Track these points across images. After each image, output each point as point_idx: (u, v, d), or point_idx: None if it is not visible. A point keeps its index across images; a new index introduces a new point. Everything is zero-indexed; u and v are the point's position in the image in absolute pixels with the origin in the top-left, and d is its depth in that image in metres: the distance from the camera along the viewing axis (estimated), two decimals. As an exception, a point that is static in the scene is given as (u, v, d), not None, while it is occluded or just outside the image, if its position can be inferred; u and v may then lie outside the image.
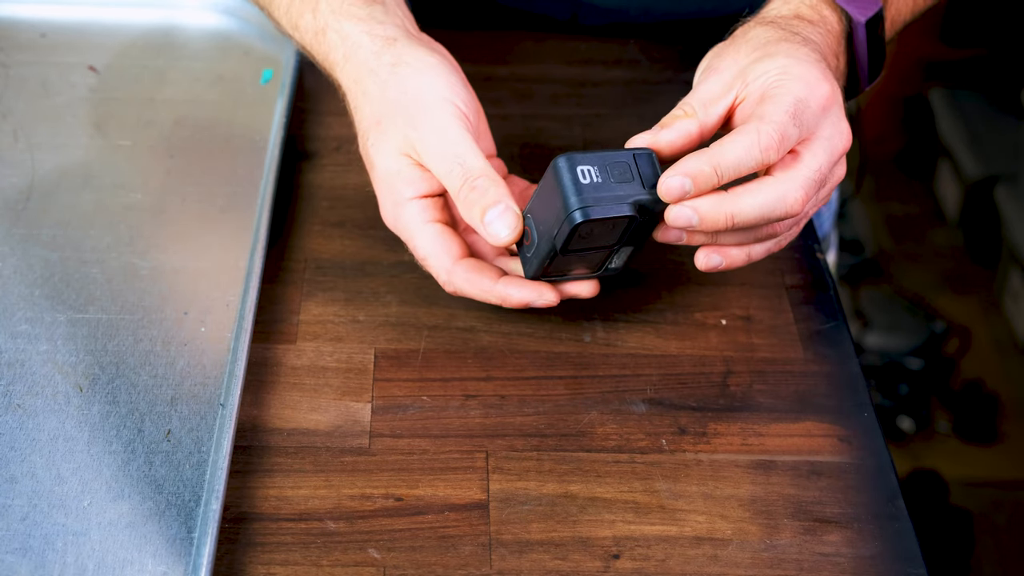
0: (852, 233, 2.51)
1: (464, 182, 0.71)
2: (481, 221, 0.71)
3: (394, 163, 0.74)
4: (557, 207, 0.68)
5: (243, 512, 0.69)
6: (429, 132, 0.73)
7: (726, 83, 0.72)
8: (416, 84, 0.74)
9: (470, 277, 0.74)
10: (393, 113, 0.74)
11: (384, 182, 0.75)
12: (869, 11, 0.78)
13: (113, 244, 0.83)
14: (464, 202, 0.71)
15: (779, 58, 0.71)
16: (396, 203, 0.75)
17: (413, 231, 0.75)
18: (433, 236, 0.74)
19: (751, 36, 0.75)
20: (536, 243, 0.71)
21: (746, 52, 0.73)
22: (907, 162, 2.74)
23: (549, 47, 1.04)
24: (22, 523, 0.67)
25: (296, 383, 0.76)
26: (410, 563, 0.67)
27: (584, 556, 0.68)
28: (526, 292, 0.74)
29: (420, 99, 0.73)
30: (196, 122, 0.94)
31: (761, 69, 0.71)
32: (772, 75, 0.71)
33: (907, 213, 2.64)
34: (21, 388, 0.74)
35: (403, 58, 0.75)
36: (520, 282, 0.74)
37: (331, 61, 0.78)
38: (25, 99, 0.95)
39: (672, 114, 0.72)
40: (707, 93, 0.72)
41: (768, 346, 0.80)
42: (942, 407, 2.23)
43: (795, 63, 0.71)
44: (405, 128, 0.73)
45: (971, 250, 2.52)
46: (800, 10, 0.78)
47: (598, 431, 0.75)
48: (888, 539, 0.70)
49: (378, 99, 0.75)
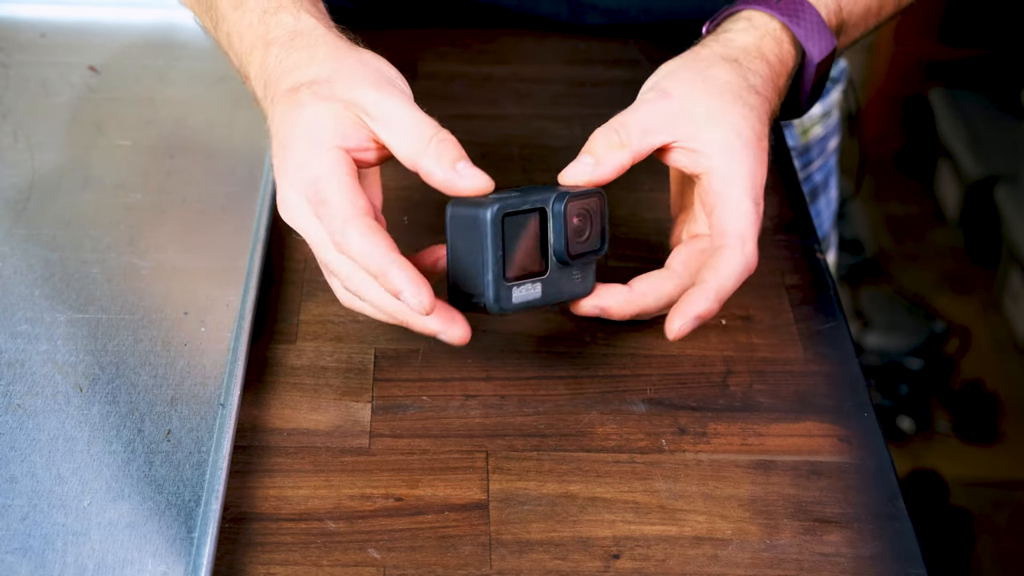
0: (852, 233, 2.51)
1: (435, 133, 0.68)
2: (453, 168, 0.68)
3: (332, 112, 0.69)
4: None
5: (243, 512, 0.69)
6: (393, 99, 0.70)
7: (671, 117, 0.73)
8: (378, 64, 0.72)
9: (369, 235, 0.66)
10: (350, 76, 0.70)
11: (307, 127, 0.69)
12: (825, 51, 0.79)
13: (113, 244, 0.83)
14: (437, 151, 0.68)
15: (728, 133, 0.72)
16: (314, 147, 0.68)
17: (324, 175, 0.68)
18: (348, 185, 0.68)
19: (710, 74, 0.75)
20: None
21: (702, 93, 0.74)
22: (907, 162, 2.74)
23: (549, 47, 1.04)
24: (22, 523, 0.67)
25: (296, 383, 0.76)
26: (410, 563, 0.67)
27: (584, 556, 0.68)
28: (404, 282, 0.66)
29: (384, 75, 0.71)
30: (196, 122, 0.94)
31: (709, 138, 0.72)
32: (715, 153, 0.72)
33: (907, 213, 2.64)
34: (21, 388, 0.74)
35: (360, 47, 0.73)
36: (409, 269, 0.66)
37: (267, 39, 0.74)
38: (25, 99, 0.95)
39: (608, 141, 0.73)
40: (650, 120, 0.73)
41: (768, 346, 0.80)
42: (942, 407, 2.24)
43: (741, 146, 0.72)
44: (364, 87, 0.70)
45: (971, 250, 2.52)
46: (763, 45, 0.78)
47: (598, 431, 0.75)
48: (888, 539, 0.70)
49: (330, 61, 0.71)
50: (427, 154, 0.68)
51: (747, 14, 0.79)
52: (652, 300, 0.73)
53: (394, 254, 0.66)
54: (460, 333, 0.68)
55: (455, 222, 0.68)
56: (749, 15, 0.79)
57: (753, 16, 0.79)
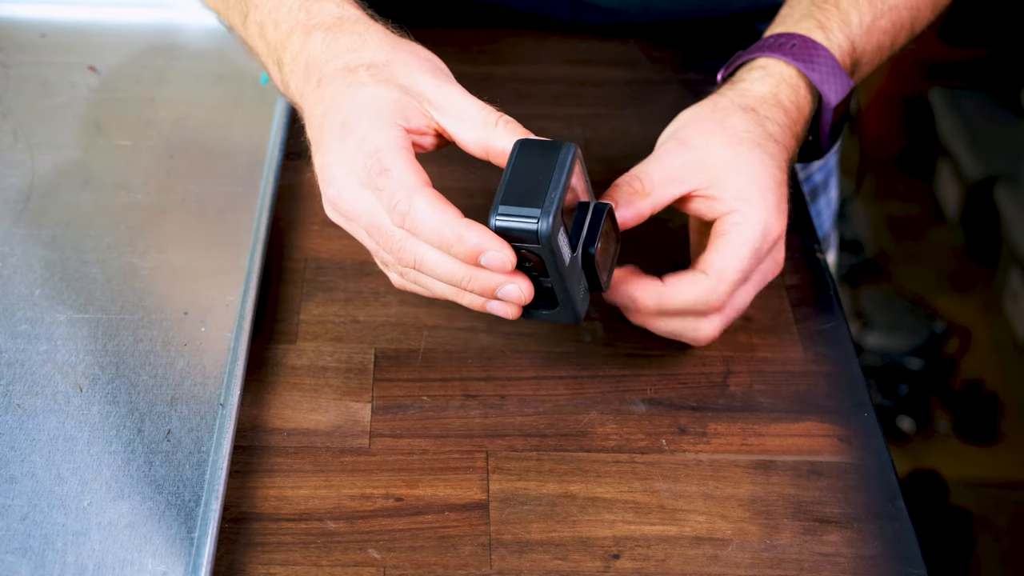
0: (852, 233, 2.51)
1: (499, 116, 0.69)
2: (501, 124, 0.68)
3: (396, 95, 0.69)
4: None
5: (243, 512, 0.69)
6: (452, 86, 0.70)
7: (691, 167, 0.73)
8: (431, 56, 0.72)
9: (435, 203, 0.65)
10: (409, 63, 0.70)
11: (370, 103, 0.68)
12: (841, 93, 0.79)
13: (113, 244, 0.83)
14: (505, 132, 0.68)
15: (745, 179, 0.73)
16: (378, 122, 0.67)
17: (387, 145, 0.66)
18: (408, 156, 0.66)
19: (729, 124, 0.75)
20: None
21: (720, 143, 0.74)
22: (907, 162, 2.74)
23: (549, 47, 1.04)
24: (22, 523, 0.67)
25: (296, 383, 0.76)
26: (410, 563, 0.67)
27: (584, 556, 0.68)
28: (487, 238, 0.64)
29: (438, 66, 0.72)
30: (196, 122, 0.94)
31: (728, 185, 0.73)
32: (732, 198, 0.73)
33: (907, 213, 2.64)
34: (21, 388, 0.74)
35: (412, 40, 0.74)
36: (483, 229, 0.65)
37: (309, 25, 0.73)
38: (25, 99, 0.95)
39: (630, 186, 0.73)
40: (670, 171, 0.73)
41: (768, 346, 0.80)
42: (942, 407, 2.23)
43: (758, 194, 0.73)
44: (422, 75, 0.70)
45: (971, 250, 2.52)
46: (779, 92, 0.78)
47: (598, 431, 0.75)
48: (888, 539, 0.70)
49: (386, 46, 0.71)
50: (498, 136, 0.68)
51: (762, 62, 0.79)
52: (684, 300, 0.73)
53: (466, 220, 0.65)
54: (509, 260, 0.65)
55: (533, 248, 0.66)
56: (764, 63, 0.79)
57: (768, 64, 0.79)
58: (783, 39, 0.80)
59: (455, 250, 0.65)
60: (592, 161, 0.92)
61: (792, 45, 0.79)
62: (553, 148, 0.66)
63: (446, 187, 0.69)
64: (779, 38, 0.80)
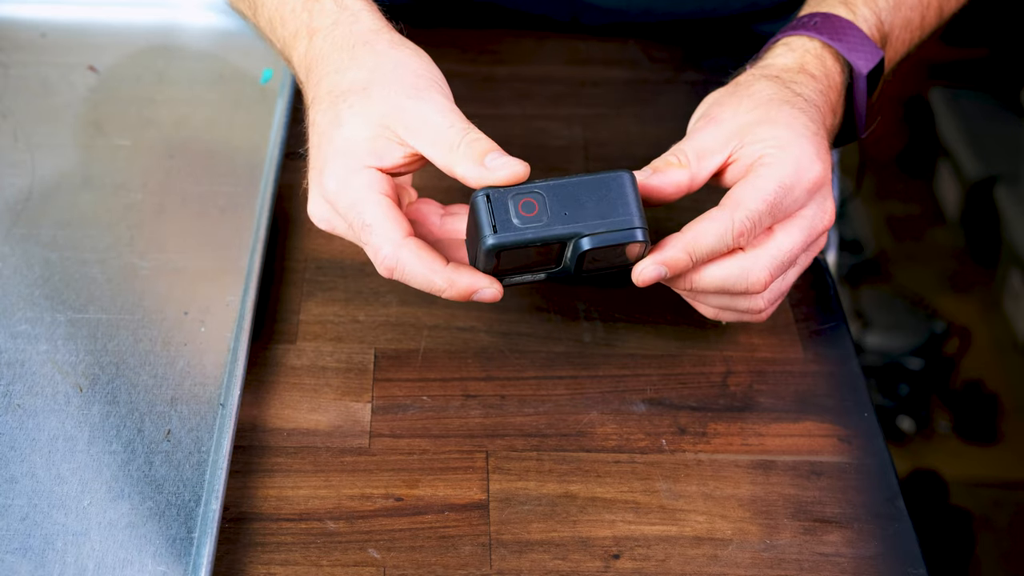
0: (852, 233, 2.51)
1: (463, 135, 0.68)
2: (482, 163, 0.67)
3: (367, 131, 0.70)
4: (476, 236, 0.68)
5: (243, 512, 0.69)
6: (429, 102, 0.70)
7: (723, 137, 0.72)
8: (417, 64, 0.72)
9: (421, 254, 0.68)
10: (388, 80, 0.71)
11: (344, 148, 0.70)
12: (872, 62, 0.78)
13: (113, 244, 0.83)
14: (466, 153, 0.68)
15: (779, 127, 0.71)
16: (351, 169, 0.69)
17: (363, 198, 0.69)
18: (384, 207, 0.69)
19: (754, 90, 0.74)
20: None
21: (747, 108, 0.73)
22: (907, 162, 2.73)
23: (549, 47, 1.04)
24: (22, 523, 0.67)
25: (296, 383, 0.76)
26: (410, 563, 0.67)
27: (584, 556, 0.68)
28: (477, 279, 0.69)
29: (422, 76, 0.71)
30: (196, 122, 0.94)
31: (760, 135, 0.71)
32: (768, 145, 0.71)
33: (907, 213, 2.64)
34: (21, 388, 0.74)
35: (402, 42, 0.73)
36: (469, 269, 0.69)
37: (312, 27, 0.75)
38: (25, 99, 0.95)
39: (666, 159, 0.72)
40: (703, 144, 0.72)
41: (768, 346, 0.80)
42: (942, 407, 2.23)
43: (792, 137, 0.71)
44: (400, 97, 0.70)
45: (971, 250, 2.52)
46: (805, 62, 0.77)
47: (598, 431, 0.75)
48: (888, 539, 0.70)
49: (370, 66, 0.72)
50: (458, 159, 0.68)
51: (785, 40, 0.79)
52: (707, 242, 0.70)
53: (452, 265, 0.69)
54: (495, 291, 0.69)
55: (471, 214, 0.67)
56: (787, 40, 0.79)
57: (791, 41, 0.78)
58: (806, 19, 0.79)
59: (446, 294, 0.69)
60: (592, 161, 0.92)
61: (815, 22, 0.78)
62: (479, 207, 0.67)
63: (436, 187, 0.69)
64: (802, 19, 0.79)
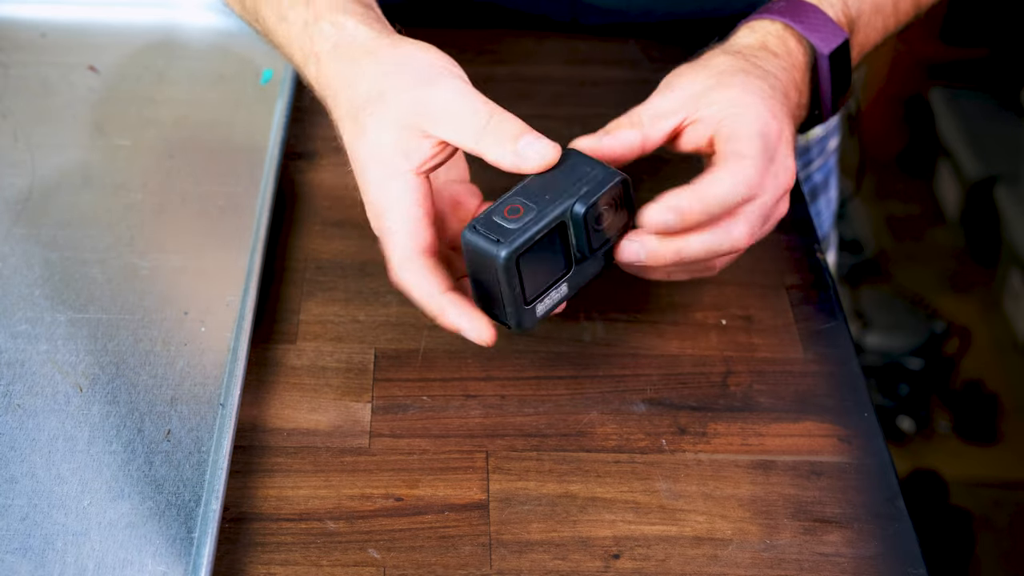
0: (852, 233, 2.51)
1: (491, 116, 0.68)
2: (515, 150, 0.67)
3: (394, 133, 0.70)
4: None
5: (243, 512, 0.69)
6: (445, 89, 0.70)
7: (679, 102, 0.74)
8: (423, 56, 0.72)
9: (423, 273, 0.69)
10: (398, 81, 0.71)
11: (376, 153, 0.71)
12: (833, 43, 0.79)
13: (113, 244, 0.83)
14: (495, 133, 0.68)
15: (733, 90, 0.73)
16: (387, 174, 0.70)
17: (392, 205, 0.70)
18: (410, 218, 0.70)
19: (712, 63, 0.76)
20: None
21: (704, 77, 0.74)
22: (907, 162, 2.74)
23: (549, 47, 1.04)
24: (22, 523, 0.67)
25: (296, 383, 0.76)
26: (410, 563, 0.67)
27: (584, 556, 0.68)
28: (463, 320, 0.69)
29: (433, 66, 0.71)
30: (196, 122, 0.94)
31: (713, 98, 0.73)
32: (723, 106, 0.72)
33: (907, 213, 2.64)
34: (21, 388, 0.74)
35: (404, 40, 0.73)
36: (463, 304, 0.69)
37: (315, 52, 0.75)
38: (25, 99, 0.95)
39: (618, 121, 0.74)
40: (657, 108, 0.74)
41: (768, 346, 0.80)
42: (942, 407, 2.24)
43: (746, 96, 0.73)
44: (414, 90, 0.70)
45: (971, 250, 2.52)
46: (766, 40, 0.79)
47: (598, 431, 0.75)
48: (888, 539, 0.70)
49: (377, 74, 0.72)
50: (487, 142, 0.68)
51: (749, 24, 0.80)
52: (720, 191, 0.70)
53: (448, 295, 0.69)
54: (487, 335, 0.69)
55: (471, 255, 0.67)
56: (751, 24, 0.80)
57: (755, 24, 0.80)
58: (772, 4, 0.81)
59: (437, 320, 0.70)
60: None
61: (780, 7, 0.80)
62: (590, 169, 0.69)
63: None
64: (769, 5, 0.81)
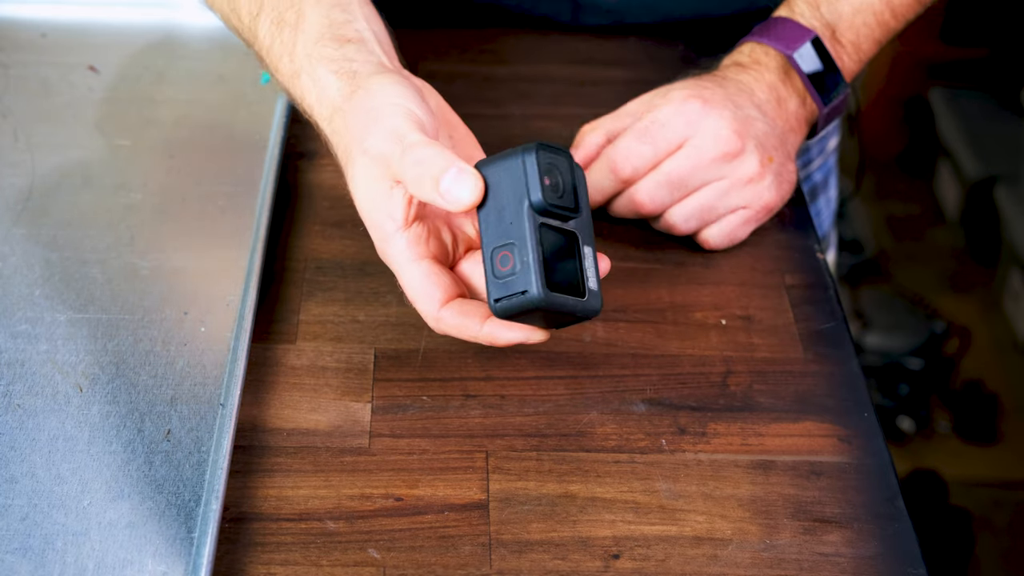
0: (852, 233, 2.51)
1: (405, 155, 0.67)
2: (438, 193, 0.66)
3: (369, 193, 0.70)
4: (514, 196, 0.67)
5: (243, 512, 0.69)
6: (384, 134, 0.69)
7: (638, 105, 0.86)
8: (371, 102, 0.70)
9: (457, 323, 0.70)
10: (354, 137, 0.70)
11: (366, 217, 0.71)
12: (798, 43, 0.88)
13: (113, 244, 0.83)
14: (414, 180, 0.67)
15: (674, 89, 0.85)
16: (382, 239, 0.71)
17: (399, 269, 0.71)
18: (420, 277, 0.70)
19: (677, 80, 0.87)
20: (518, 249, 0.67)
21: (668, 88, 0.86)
22: (907, 162, 2.74)
23: (549, 47, 1.04)
24: (22, 523, 0.67)
25: (296, 383, 0.76)
26: (410, 563, 0.67)
27: (584, 556, 0.68)
28: (514, 333, 0.69)
29: (371, 112, 0.70)
30: (196, 122, 0.94)
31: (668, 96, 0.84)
32: (656, 99, 0.85)
33: (907, 213, 2.64)
34: (21, 388, 0.74)
35: (361, 86, 0.72)
36: (506, 324, 0.69)
37: (306, 106, 0.76)
38: (25, 99, 0.95)
39: (582, 130, 0.87)
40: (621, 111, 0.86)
41: (768, 346, 0.80)
42: (942, 407, 2.23)
43: (677, 89, 0.85)
44: (365, 143, 0.69)
45: (971, 250, 2.52)
46: (738, 58, 0.89)
47: (598, 431, 0.75)
48: (888, 539, 0.70)
49: (344, 131, 0.72)
50: (409, 182, 0.67)
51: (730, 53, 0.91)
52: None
53: (489, 325, 0.69)
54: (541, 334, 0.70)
55: (517, 319, 0.68)
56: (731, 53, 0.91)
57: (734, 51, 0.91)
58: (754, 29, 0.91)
59: (434, 327, 0.71)
60: (592, 161, 0.92)
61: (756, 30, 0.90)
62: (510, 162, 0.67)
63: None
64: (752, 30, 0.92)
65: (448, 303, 0.70)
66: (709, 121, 0.82)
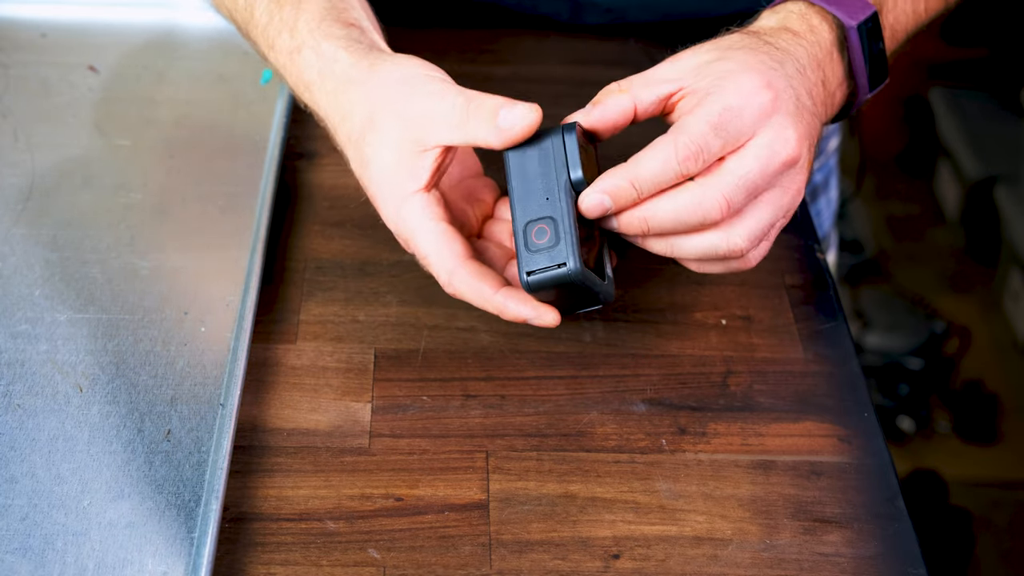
0: (852, 233, 2.51)
1: (467, 104, 0.69)
2: (495, 123, 0.68)
3: (393, 155, 0.71)
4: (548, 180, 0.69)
5: (243, 512, 0.69)
6: (422, 95, 0.70)
7: (675, 72, 0.72)
8: (400, 72, 0.72)
9: (472, 282, 0.70)
10: (383, 102, 0.71)
11: (383, 180, 0.72)
12: (860, 15, 0.76)
13: (113, 244, 0.83)
14: (475, 119, 0.68)
15: (731, 63, 0.70)
16: (399, 198, 0.71)
17: (415, 229, 0.71)
18: (436, 235, 0.71)
19: (723, 41, 0.73)
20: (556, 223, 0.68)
21: (707, 51, 0.72)
22: (907, 162, 2.74)
23: (549, 47, 1.04)
24: (22, 523, 0.67)
25: (296, 383, 0.76)
26: (410, 563, 0.67)
27: (584, 556, 0.68)
28: (525, 309, 0.70)
29: (409, 79, 0.71)
30: (196, 122, 0.94)
31: (712, 70, 0.70)
32: (714, 79, 0.70)
33: (907, 213, 2.64)
34: (21, 388, 0.74)
35: (381, 58, 0.73)
36: (521, 296, 0.70)
37: (304, 81, 0.76)
38: (25, 99, 0.95)
39: (607, 89, 0.73)
40: (655, 74, 0.72)
41: (768, 346, 0.80)
42: (942, 407, 2.23)
43: (741, 69, 0.70)
44: (399, 106, 0.70)
45: (971, 250, 2.52)
46: (788, 21, 0.76)
47: (598, 431, 0.75)
48: (888, 539, 0.70)
49: (364, 100, 0.72)
50: (472, 132, 0.69)
51: (772, 7, 0.77)
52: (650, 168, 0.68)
53: (504, 290, 0.70)
54: (551, 319, 0.70)
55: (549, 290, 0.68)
56: (774, 7, 0.77)
57: (777, 7, 0.77)
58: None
59: (501, 317, 0.71)
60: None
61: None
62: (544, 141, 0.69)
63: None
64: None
65: (464, 261, 0.71)
66: (778, 119, 0.69)
